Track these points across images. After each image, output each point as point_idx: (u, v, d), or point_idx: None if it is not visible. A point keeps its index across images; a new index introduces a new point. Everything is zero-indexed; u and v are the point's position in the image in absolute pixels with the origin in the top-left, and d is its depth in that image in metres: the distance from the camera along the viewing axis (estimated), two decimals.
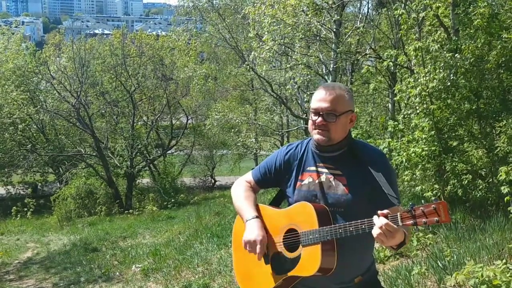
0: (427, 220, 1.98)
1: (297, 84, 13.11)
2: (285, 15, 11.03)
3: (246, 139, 19.56)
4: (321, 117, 2.28)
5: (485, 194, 7.00)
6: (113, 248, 10.95)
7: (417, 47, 6.67)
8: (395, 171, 2.45)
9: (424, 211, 1.99)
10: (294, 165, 2.46)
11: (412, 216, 2.01)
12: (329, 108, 2.27)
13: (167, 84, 22.59)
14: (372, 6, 15.96)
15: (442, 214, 1.97)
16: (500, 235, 5.49)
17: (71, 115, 20.76)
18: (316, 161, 2.41)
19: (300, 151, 2.48)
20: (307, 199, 2.36)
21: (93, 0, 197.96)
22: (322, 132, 2.30)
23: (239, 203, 2.54)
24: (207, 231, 9.93)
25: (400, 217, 2.03)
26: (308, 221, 2.28)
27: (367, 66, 8.79)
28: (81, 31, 49.68)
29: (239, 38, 17.60)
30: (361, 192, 2.29)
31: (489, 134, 7.18)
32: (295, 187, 2.43)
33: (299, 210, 2.34)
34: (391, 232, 2.02)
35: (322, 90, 2.32)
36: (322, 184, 2.36)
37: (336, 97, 2.29)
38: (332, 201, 2.32)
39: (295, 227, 2.34)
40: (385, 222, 2.02)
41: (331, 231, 2.21)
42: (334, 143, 2.34)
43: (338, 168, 2.35)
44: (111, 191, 20.17)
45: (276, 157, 2.54)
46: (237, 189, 2.61)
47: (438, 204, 1.98)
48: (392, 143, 7.51)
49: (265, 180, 2.58)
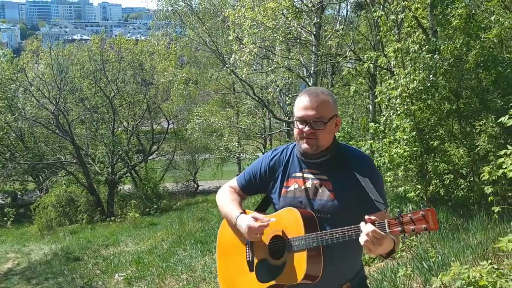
0: (415, 227, 1.94)
1: (278, 87, 13.10)
2: (265, 18, 11.01)
3: (229, 142, 19.47)
4: (309, 125, 2.22)
5: (467, 193, 7.04)
6: (95, 256, 10.78)
7: (397, 49, 6.69)
8: (381, 175, 2.40)
9: (412, 218, 1.95)
10: (279, 171, 2.41)
11: (400, 223, 1.97)
12: (316, 116, 2.21)
13: (147, 89, 22.43)
14: (351, 8, 16.07)
15: (430, 221, 1.93)
16: (483, 234, 5.52)
17: (50, 122, 20.48)
18: (301, 167, 2.36)
19: (285, 156, 2.42)
20: (292, 205, 2.31)
21: (71, 6, 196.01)
22: (310, 140, 2.24)
23: (226, 207, 2.49)
24: (190, 237, 9.83)
25: (387, 224, 1.99)
26: (294, 228, 2.23)
27: (347, 68, 8.80)
28: (59, 37, 49.09)
29: (219, 42, 17.54)
30: (347, 197, 2.25)
31: (470, 133, 7.23)
32: (281, 194, 2.38)
33: (285, 216, 2.30)
34: (378, 239, 1.98)
35: (306, 96, 2.25)
36: (308, 190, 2.31)
37: (321, 103, 2.23)
38: (318, 207, 2.28)
39: (281, 233, 2.29)
40: (372, 229, 1.98)
41: (317, 238, 2.16)
42: (321, 150, 2.29)
43: (324, 173, 2.31)
44: (93, 198, 19.93)
45: (261, 163, 2.49)
46: (223, 194, 2.57)
47: (427, 211, 1.94)
48: (374, 145, 7.53)
49: (250, 187, 2.53)
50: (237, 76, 14.86)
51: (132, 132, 22.90)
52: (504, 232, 5.08)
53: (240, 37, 12.01)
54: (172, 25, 21.19)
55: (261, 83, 16.36)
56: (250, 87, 16.43)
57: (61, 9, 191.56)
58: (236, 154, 20.67)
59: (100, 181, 21.03)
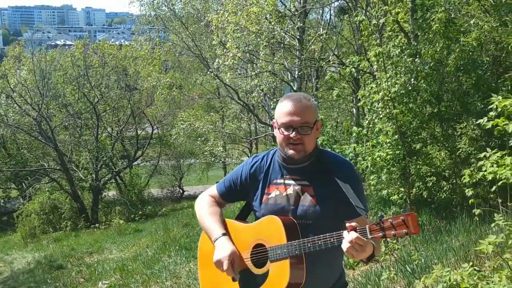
0: (396, 232, 1.94)
1: (263, 91, 13.12)
2: (249, 22, 11.03)
3: (214, 147, 19.41)
4: (296, 131, 2.21)
5: (450, 195, 7.11)
6: (79, 264, 10.66)
7: (378, 53, 6.73)
8: (362, 181, 2.40)
9: (393, 223, 1.95)
10: (260, 178, 2.39)
11: (381, 229, 1.97)
12: (302, 121, 2.20)
13: (131, 94, 22.28)
14: (334, 13, 16.17)
15: (411, 225, 1.93)
16: (465, 236, 5.57)
17: (32, 129, 20.23)
18: (283, 173, 2.34)
19: (266, 163, 2.40)
20: (274, 212, 2.29)
21: (54, 11, 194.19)
22: (297, 146, 2.23)
23: (205, 221, 2.43)
24: (175, 243, 9.77)
25: (369, 229, 1.99)
26: (275, 236, 2.21)
27: (330, 72, 8.84)
28: (42, 42, 48.61)
29: (203, 46, 17.50)
30: (329, 203, 2.24)
31: (451, 136, 7.30)
32: (262, 201, 2.35)
33: (267, 224, 2.27)
34: (361, 245, 1.98)
35: (289, 102, 2.24)
36: (289, 196, 2.29)
37: (306, 108, 2.23)
38: (300, 213, 2.26)
39: (263, 242, 2.27)
40: (355, 236, 1.97)
41: (300, 246, 2.15)
42: (306, 155, 2.28)
43: (305, 179, 2.29)
44: (77, 205, 19.71)
45: (241, 170, 2.46)
46: (201, 205, 2.51)
47: (407, 216, 1.94)
48: (357, 148, 7.57)
49: (231, 194, 2.50)
50: (222, 81, 14.86)
51: (116, 137, 22.72)
52: (486, 234, 5.13)
53: (223, 42, 12.01)
54: (155, 30, 21.11)
55: (246, 88, 16.35)
56: (235, 91, 16.41)
57: (44, 14, 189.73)
58: (221, 159, 20.61)
59: (84, 187, 20.81)
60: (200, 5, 17.61)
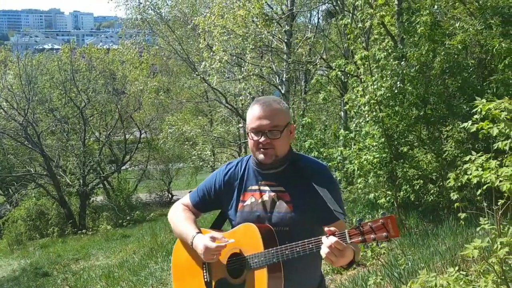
0: (376, 236, 1.90)
1: (251, 94, 13.07)
2: (235, 25, 10.99)
3: (202, 151, 19.31)
4: (265, 135, 2.16)
5: (437, 198, 7.10)
6: (65, 271, 10.53)
7: (363, 56, 6.71)
8: (338, 184, 2.36)
9: (372, 227, 1.90)
10: (235, 186, 2.32)
11: (361, 233, 1.92)
12: (271, 125, 2.15)
13: (118, 98, 22.11)
14: (322, 16, 16.20)
15: (390, 228, 1.88)
16: (452, 239, 5.54)
17: (19, 134, 20.01)
18: (257, 179, 2.28)
19: (241, 169, 2.34)
20: (250, 220, 2.22)
21: (41, 15, 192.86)
22: (267, 151, 2.17)
23: (179, 226, 2.37)
24: (162, 249, 9.65)
25: (348, 234, 1.94)
26: (252, 244, 2.15)
27: (317, 76, 8.82)
28: (29, 47, 48.17)
29: (190, 50, 17.42)
30: (305, 208, 2.18)
31: (437, 139, 7.31)
32: (237, 209, 2.29)
33: (243, 232, 2.20)
34: (340, 250, 1.93)
35: (258, 106, 2.19)
36: (265, 203, 2.23)
37: (275, 112, 2.18)
38: (276, 220, 2.20)
39: (239, 250, 2.20)
40: (334, 240, 1.92)
41: (277, 253, 2.08)
42: (278, 159, 2.22)
43: (281, 184, 2.24)
44: (64, 211, 19.51)
45: (215, 178, 2.39)
46: (175, 213, 2.44)
47: (386, 219, 1.89)
48: (344, 152, 7.54)
49: (204, 203, 2.42)
50: (209, 84, 14.79)
51: (104, 142, 22.54)
52: (472, 237, 5.11)
53: (210, 45, 11.95)
54: (142, 33, 21.00)
55: (234, 91, 16.30)
56: (223, 95, 16.35)
57: (32, 18, 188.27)
58: (210, 163, 20.50)
59: (71, 193, 20.60)
60: (187, 9, 17.53)
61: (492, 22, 7.27)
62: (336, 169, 8.73)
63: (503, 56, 6.75)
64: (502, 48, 6.61)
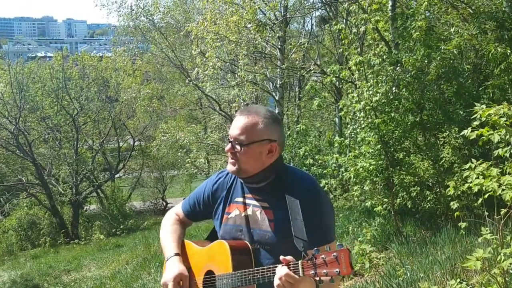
0: (328, 271, 1.71)
1: (245, 101, 12.96)
2: (229, 31, 10.89)
3: (196, 159, 19.14)
4: (230, 144, 2.05)
5: (434, 205, 7.00)
6: (56, 283, 10.32)
7: (358, 61, 6.62)
8: (327, 201, 2.16)
9: (325, 260, 1.72)
10: (222, 196, 2.21)
11: (313, 265, 1.74)
12: (236, 136, 2.03)
13: (112, 106, 21.95)
14: (315, 22, 16.17)
15: (343, 264, 1.69)
16: (451, 248, 5.43)
17: (10, 143, 19.76)
18: (244, 192, 2.15)
19: (230, 180, 2.22)
20: (232, 234, 2.11)
21: (34, 23, 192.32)
22: (232, 161, 2.07)
23: (162, 239, 2.30)
24: (155, 259, 9.46)
25: (301, 265, 1.76)
26: (223, 263, 2.03)
27: (311, 82, 8.73)
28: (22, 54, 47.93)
29: (183, 57, 17.32)
30: (288, 228, 1.98)
31: (434, 145, 7.21)
32: (222, 221, 2.17)
33: (216, 250, 2.10)
34: (291, 283, 1.76)
35: (238, 114, 2.09)
36: (248, 217, 2.09)
37: (248, 124, 2.02)
38: (257, 238, 2.06)
39: (213, 268, 2.10)
40: (285, 272, 1.77)
41: (242, 277, 1.96)
42: (249, 175, 2.07)
43: (266, 200, 2.08)
44: (56, 220, 19.25)
45: (204, 188, 2.28)
46: (164, 223, 2.37)
47: (340, 252, 1.70)
48: (340, 159, 7.43)
49: (195, 213, 2.32)
50: (202, 91, 14.68)
51: (97, 150, 22.33)
52: (472, 246, 5.00)
53: (203, 51, 11.85)
54: (134, 40, 20.90)
55: (228, 98, 16.19)
56: (217, 102, 16.23)
57: (24, 26, 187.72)
58: (204, 170, 20.33)
59: (64, 202, 20.35)
60: (180, 15, 17.44)
61: (487, 27, 7.21)
62: (332, 176, 8.63)
63: (499, 61, 6.68)
64: (497, 53, 6.54)
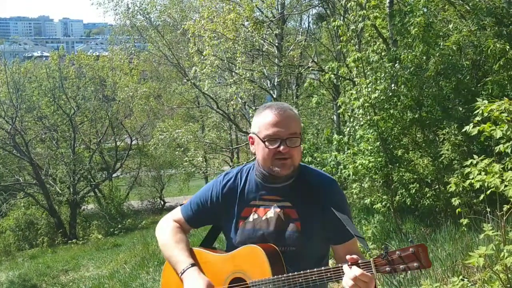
0: (406, 266, 1.72)
1: (242, 99, 12.91)
2: (226, 29, 10.84)
3: (194, 158, 19.07)
4: (284, 144, 1.92)
5: (433, 202, 6.97)
6: (54, 284, 10.29)
7: (356, 58, 6.58)
8: (347, 199, 2.15)
9: (401, 256, 1.72)
10: (235, 200, 2.07)
11: (388, 262, 1.73)
12: (289, 132, 1.93)
13: (108, 105, 21.88)
14: (312, 20, 16.13)
15: (422, 258, 1.72)
16: (451, 245, 5.40)
17: (6, 143, 19.69)
18: (261, 193, 2.04)
19: (241, 182, 2.09)
20: (253, 239, 2.00)
21: (30, 23, 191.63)
22: (286, 161, 1.94)
23: (168, 249, 2.11)
24: (154, 258, 9.41)
25: (373, 263, 1.74)
26: (258, 269, 1.92)
27: (309, 80, 8.68)
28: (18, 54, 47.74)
29: (180, 55, 17.24)
30: (315, 227, 1.97)
31: (433, 142, 7.18)
32: (238, 226, 2.05)
33: (247, 255, 1.97)
34: (365, 282, 1.72)
35: (272, 112, 1.96)
36: (269, 220, 2.00)
37: (292, 118, 1.96)
38: (282, 240, 1.98)
39: (242, 275, 1.97)
40: (359, 272, 1.72)
41: (289, 281, 1.85)
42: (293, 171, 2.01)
43: (287, 199, 2.01)
44: (54, 220, 19.21)
45: (211, 191, 2.12)
46: (164, 232, 2.17)
47: (417, 247, 1.72)
48: (338, 156, 7.39)
49: (198, 219, 2.17)
50: (199, 89, 14.61)
51: (94, 149, 22.27)
52: (472, 243, 4.97)
53: (201, 49, 11.79)
54: (131, 39, 20.81)
55: (225, 96, 16.12)
56: (214, 100, 16.17)
57: (21, 26, 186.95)
58: (202, 169, 20.28)
59: (61, 202, 20.29)
60: (176, 14, 17.36)
61: (486, 23, 7.17)
62: (330, 174, 8.59)
63: (497, 57, 6.65)
64: (496, 49, 6.51)
